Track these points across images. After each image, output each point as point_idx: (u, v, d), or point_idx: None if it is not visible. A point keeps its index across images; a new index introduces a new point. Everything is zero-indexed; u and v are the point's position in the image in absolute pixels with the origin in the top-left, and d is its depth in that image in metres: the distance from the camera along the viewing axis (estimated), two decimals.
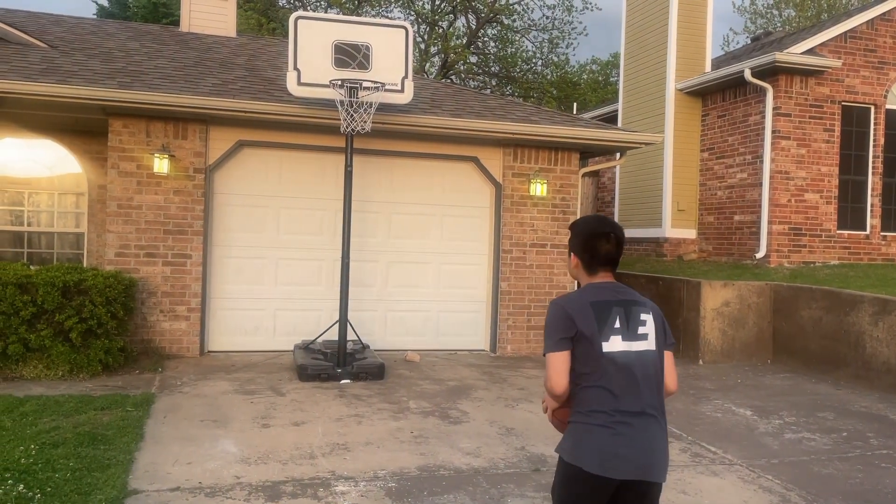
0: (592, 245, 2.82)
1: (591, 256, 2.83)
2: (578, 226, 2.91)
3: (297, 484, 4.63)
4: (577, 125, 9.89)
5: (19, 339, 7.01)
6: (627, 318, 2.72)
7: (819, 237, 11.51)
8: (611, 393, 2.63)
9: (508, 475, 4.98)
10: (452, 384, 7.74)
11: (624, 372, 2.66)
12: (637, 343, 2.71)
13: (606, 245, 2.81)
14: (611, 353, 2.66)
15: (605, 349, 2.66)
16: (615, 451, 2.59)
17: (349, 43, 7.97)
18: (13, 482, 4.25)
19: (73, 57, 9.32)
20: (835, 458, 5.70)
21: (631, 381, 2.65)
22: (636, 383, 2.66)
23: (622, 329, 2.70)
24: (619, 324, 2.70)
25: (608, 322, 2.69)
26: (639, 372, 2.67)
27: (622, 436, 2.60)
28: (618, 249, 2.84)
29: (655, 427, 2.66)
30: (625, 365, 2.66)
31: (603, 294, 2.76)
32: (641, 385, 2.66)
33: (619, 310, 2.72)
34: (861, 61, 11.70)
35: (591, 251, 2.82)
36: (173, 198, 8.53)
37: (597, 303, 2.72)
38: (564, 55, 28.63)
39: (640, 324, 2.73)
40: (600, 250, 2.81)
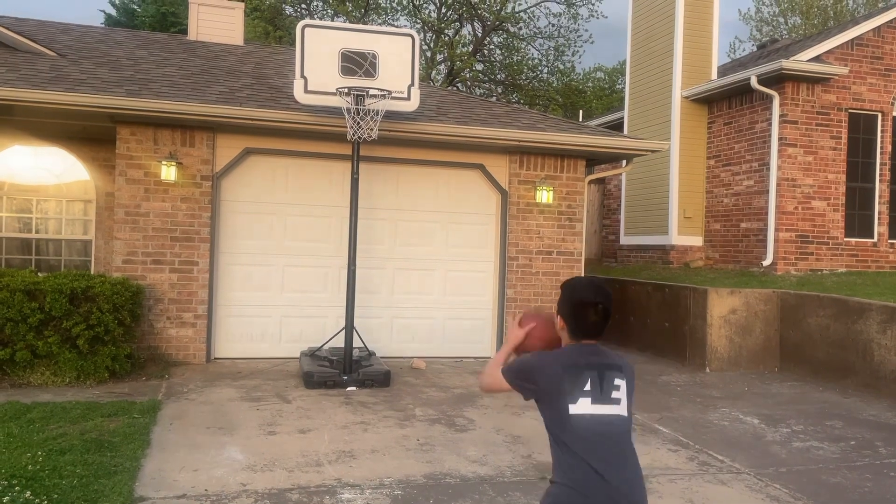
0: (579, 314, 2.80)
1: (577, 325, 2.81)
2: (567, 290, 2.87)
3: (303, 491, 4.63)
4: (583, 132, 9.90)
5: (27, 345, 7.03)
6: (599, 381, 2.70)
7: (826, 245, 11.47)
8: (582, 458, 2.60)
9: (515, 483, 4.97)
10: (458, 392, 7.73)
11: (590, 437, 2.63)
12: (608, 408, 2.68)
13: (594, 316, 2.78)
14: (579, 416, 2.64)
15: (573, 412, 2.64)
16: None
17: (356, 51, 8.00)
18: (20, 489, 4.26)
19: (81, 65, 9.38)
20: (843, 466, 5.67)
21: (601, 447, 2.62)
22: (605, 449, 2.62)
23: (593, 392, 2.68)
24: (589, 386, 2.68)
25: (579, 383, 2.67)
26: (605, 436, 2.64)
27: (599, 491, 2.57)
28: (604, 321, 2.81)
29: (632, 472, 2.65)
30: (589, 429, 2.64)
31: (580, 356, 2.74)
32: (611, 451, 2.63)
33: (593, 371, 2.71)
34: (868, 68, 11.68)
35: (577, 320, 2.80)
36: (180, 205, 8.56)
37: (573, 363, 2.71)
38: (570, 63, 28.69)
39: (613, 388, 2.71)
40: (587, 320, 2.79)
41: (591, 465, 2.58)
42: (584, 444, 2.62)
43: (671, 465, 5.52)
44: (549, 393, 2.69)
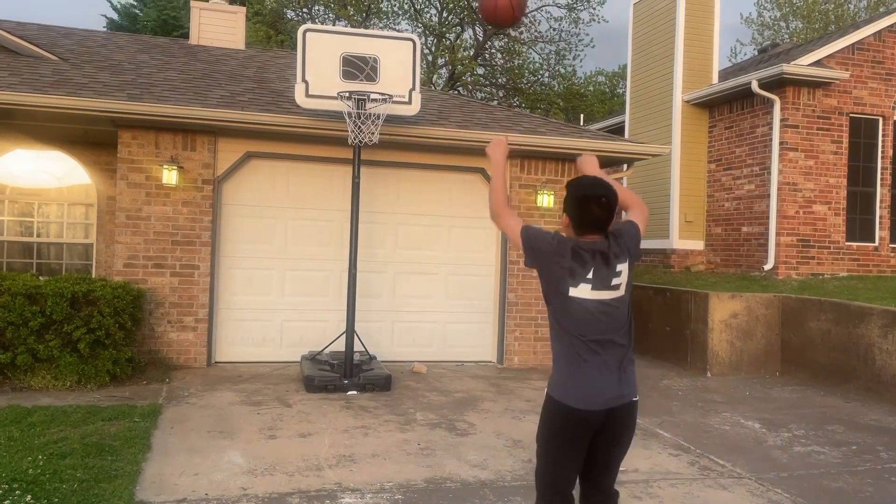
0: (583, 208, 2.90)
1: (581, 219, 2.92)
2: (572, 187, 2.99)
3: (303, 496, 4.62)
4: (584, 137, 9.90)
5: (28, 349, 7.03)
6: (600, 269, 2.89)
7: (827, 249, 11.47)
8: (580, 336, 2.88)
9: (515, 488, 4.96)
10: (459, 396, 7.72)
11: (590, 318, 2.87)
12: (608, 293, 2.90)
13: (596, 209, 2.88)
14: (579, 300, 2.87)
15: (572, 294, 2.87)
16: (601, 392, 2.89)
17: (357, 55, 8.02)
18: (21, 492, 4.26)
19: (83, 69, 9.40)
20: (844, 471, 5.66)
21: (597, 327, 2.88)
22: (601, 329, 2.89)
23: (594, 280, 2.87)
24: (591, 274, 2.87)
25: (580, 271, 2.87)
26: (604, 320, 2.89)
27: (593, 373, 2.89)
28: (608, 214, 2.90)
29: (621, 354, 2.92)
30: (590, 312, 2.88)
31: (583, 244, 2.92)
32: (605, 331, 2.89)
33: (594, 259, 2.89)
34: (869, 73, 11.69)
35: (582, 214, 2.91)
36: (182, 209, 8.57)
37: (576, 250, 2.90)
38: (571, 67, 28.72)
39: (614, 275, 2.90)
40: (590, 213, 2.89)
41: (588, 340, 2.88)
42: (581, 327, 2.88)
43: (672, 469, 5.52)
44: (550, 266, 2.90)
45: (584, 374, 2.90)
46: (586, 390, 2.90)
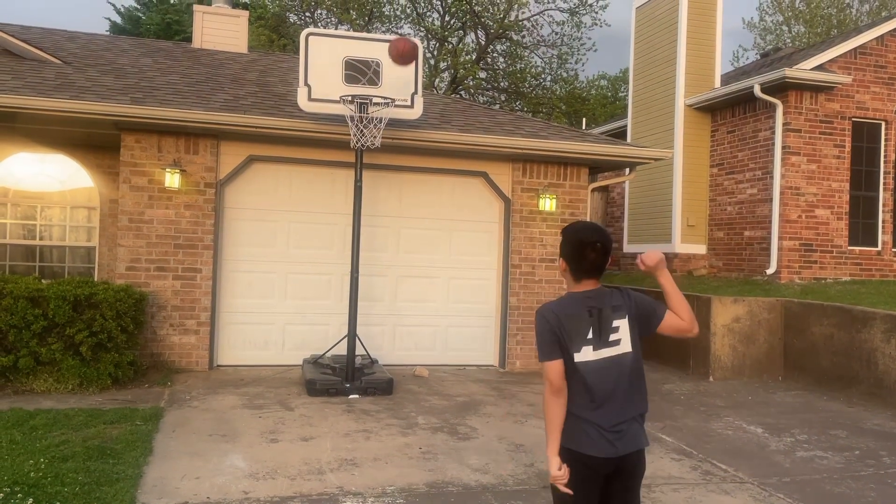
0: (579, 253, 2.97)
1: (577, 265, 2.99)
2: (568, 232, 3.05)
3: (305, 500, 4.62)
4: (586, 140, 9.91)
5: (30, 352, 7.04)
6: (598, 328, 2.94)
7: (830, 253, 11.45)
8: (588, 395, 2.93)
9: (517, 492, 4.95)
10: (461, 400, 7.71)
11: (595, 378, 2.92)
12: (609, 350, 2.94)
13: (592, 254, 2.96)
14: (583, 363, 2.92)
15: (577, 359, 2.92)
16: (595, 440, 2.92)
17: (359, 59, 8.03)
18: (22, 496, 4.26)
19: (86, 73, 9.43)
20: (847, 476, 5.64)
21: (604, 387, 2.92)
22: (608, 387, 2.93)
23: (593, 339, 2.93)
24: (591, 334, 2.94)
25: (580, 334, 2.93)
26: (607, 375, 2.93)
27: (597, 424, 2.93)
28: (603, 258, 2.98)
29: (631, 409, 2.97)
30: (596, 372, 2.92)
31: (576, 304, 2.98)
32: (612, 388, 2.93)
33: (590, 320, 2.94)
34: (871, 77, 11.68)
35: (578, 259, 2.98)
36: (184, 212, 8.58)
37: (570, 313, 2.96)
38: (573, 71, 28.73)
39: (611, 330, 2.94)
40: (586, 259, 2.96)
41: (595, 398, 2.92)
42: (588, 385, 2.93)
43: (674, 474, 5.50)
44: (563, 342, 2.95)
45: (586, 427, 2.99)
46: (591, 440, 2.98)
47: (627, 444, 2.95)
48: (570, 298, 3.02)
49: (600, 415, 2.93)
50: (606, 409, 2.93)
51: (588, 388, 2.92)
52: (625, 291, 3.04)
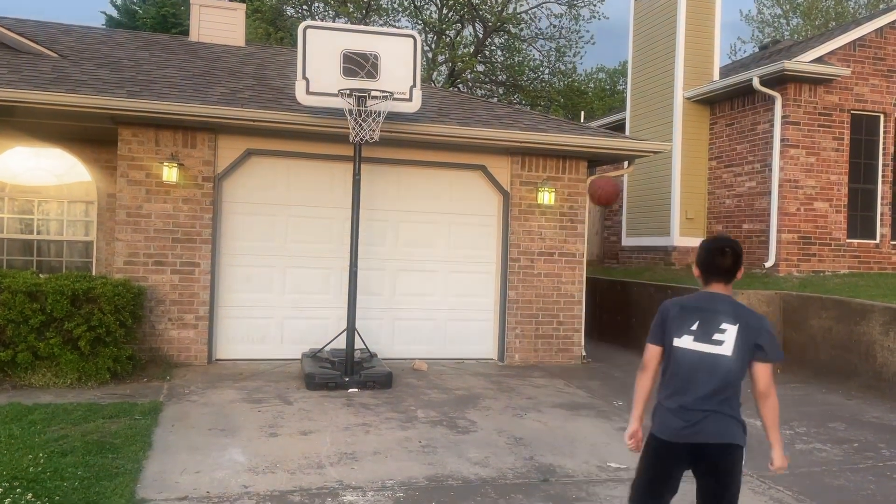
0: (709, 257, 3.36)
1: (707, 267, 3.38)
2: (704, 242, 3.47)
3: (304, 493, 4.62)
4: (584, 133, 9.89)
5: (28, 347, 7.03)
6: (704, 324, 3.26)
7: (828, 246, 11.46)
8: (677, 379, 3.28)
9: (517, 485, 4.95)
10: (460, 393, 7.71)
11: (686, 366, 3.25)
12: (708, 347, 3.24)
13: (720, 258, 3.33)
14: (680, 349, 3.27)
15: (675, 343, 3.29)
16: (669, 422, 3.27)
17: (357, 52, 8.00)
18: (21, 490, 4.25)
19: (82, 66, 9.38)
20: (846, 469, 5.65)
21: (689, 376, 3.25)
22: (694, 378, 3.24)
23: (696, 331, 3.26)
24: (695, 327, 3.27)
25: (685, 324, 3.28)
26: (698, 368, 3.24)
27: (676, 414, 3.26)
28: (732, 262, 3.34)
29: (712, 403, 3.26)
30: (686, 361, 3.25)
31: (695, 301, 3.36)
32: (700, 380, 3.24)
33: (700, 315, 3.28)
34: (870, 70, 11.67)
35: (707, 262, 3.37)
36: (182, 206, 8.56)
37: (686, 306, 3.34)
38: (572, 64, 28.68)
39: (716, 331, 3.24)
40: (714, 262, 3.34)
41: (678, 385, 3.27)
42: (676, 371, 3.28)
43: None
44: (664, 327, 3.34)
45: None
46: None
47: (704, 435, 3.23)
48: (695, 295, 3.41)
49: (678, 401, 3.25)
50: (687, 398, 3.24)
51: (676, 373, 3.28)
52: (753, 314, 3.32)
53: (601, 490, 4.91)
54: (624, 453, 5.81)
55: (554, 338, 9.77)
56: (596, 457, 5.66)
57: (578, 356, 9.87)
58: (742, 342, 3.21)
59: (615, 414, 7.12)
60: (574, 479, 5.11)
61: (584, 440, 6.12)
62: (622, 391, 8.21)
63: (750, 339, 3.23)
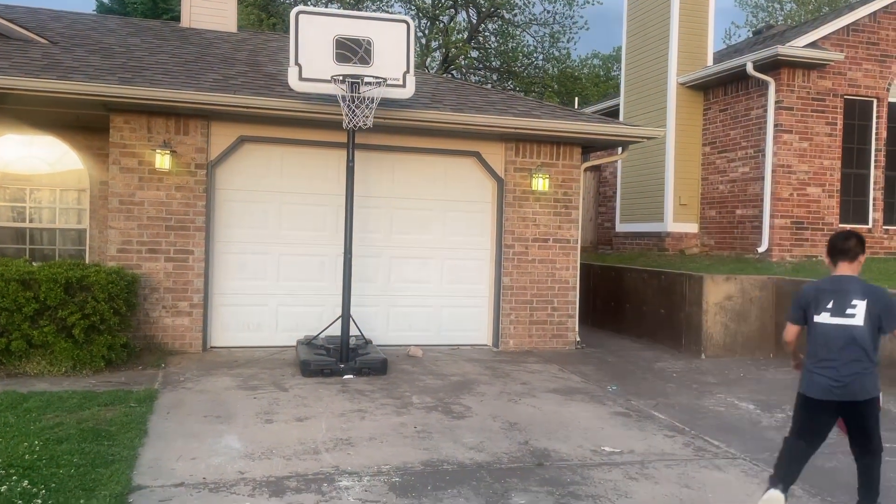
0: (833, 243, 4.28)
1: (832, 252, 4.28)
2: (831, 235, 4.40)
3: (301, 479, 4.64)
4: (579, 120, 9.87)
5: (22, 335, 7.01)
6: (837, 301, 4.12)
7: (821, 231, 11.50)
8: (822, 349, 4.13)
9: (512, 470, 4.98)
10: (455, 379, 7.74)
11: (826, 338, 4.11)
12: (843, 320, 4.09)
13: (842, 241, 4.24)
14: (820, 324, 4.16)
15: (816, 320, 4.18)
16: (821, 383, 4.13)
17: (350, 38, 7.95)
18: (17, 478, 4.26)
19: (73, 53, 9.31)
20: (838, 451, 5.68)
21: (830, 345, 4.10)
22: (835, 347, 4.08)
23: (832, 308, 4.13)
24: (831, 305, 4.14)
25: (822, 303, 4.16)
26: (837, 339, 4.08)
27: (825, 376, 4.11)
28: (855, 245, 4.22)
29: (855, 367, 4.05)
30: (826, 333, 4.12)
31: (828, 284, 4.23)
32: (840, 347, 4.07)
33: (834, 295, 4.15)
34: (863, 54, 11.67)
35: (832, 248, 4.28)
36: (175, 194, 8.53)
37: (822, 289, 4.22)
38: (566, 50, 28.60)
39: (848, 306, 4.10)
40: (837, 246, 4.24)
41: (822, 349, 4.12)
42: (819, 342, 4.15)
43: (667, 450, 5.55)
44: (805, 307, 4.25)
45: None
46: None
47: (851, 394, 4.07)
48: (827, 279, 4.28)
49: (825, 366, 4.10)
50: (832, 364, 4.08)
51: (820, 344, 4.14)
52: (877, 289, 4.10)
53: (595, 473, 4.95)
54: (618, 437, 5.85)
55: (548, 323, 9.80)
56: (590, 441, 5.70)
57: (573, 342, 9.91)
58: (870, 314, 4.05)
59: (609, 399, 7.16)
60: (569, 463, 5.14)
61: (579, 425, 6.16)
62: (616, 376, 8.26)
63: (875, 311, 4.05)
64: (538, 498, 4.48)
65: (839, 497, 4.70)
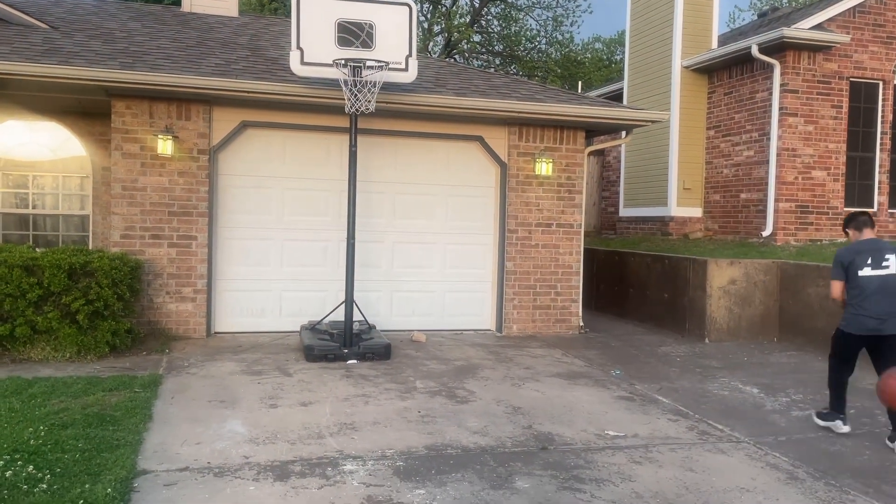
0: (857, 218, 5.74)
1: (859, 225, 5.71)
2: (848, 217, 5.83)
3: (305, 463, 4.65)
4: (582, 103, 9.81)
5: (26, 321, 7.03)
6: (874, 258, 5.50)
7: (826, 214, 11.45)
8: (864, 297, 5.50)
9: (516, 454, 4.99)
10: (459, 364, 7.75)
11: (871, 287, 5.47)
12: (881, 271, 5.48)
13: (865, 215, 5.75)
14: (864, 276, 5.50)
15: (860, 274, 5.51)
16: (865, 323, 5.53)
17: (352, 21, 7.90)
18: (23, 463, 4.27)
19: (74, 38, 9.26)
20: (842, 435, 5.70)
21: (875, 292, 5.46)
22: (878, 293, 5.45)
23: (871, 264, 5.49)
24: (870, 261, 5.50)
25: (863, 260, 5.51)
26: (880, 286, 5.46)
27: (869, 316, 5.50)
28: (871, 216, 5.79)
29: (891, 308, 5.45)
30: (871, 283, 5.47)
31: (862, 246, 5.61)
32: (882, 294, 5.45)
33: (870, 253, 5.52)
34: (870, 36, 11.57)
35: (858, 222, 5.72)
36: (177, 179, 8.51)
37: (858, 251, 5.57)
38: (569, 33, 28.40)
39: (883, 260, 5.49)
40: (862, 220, 5.73)
41: (869, 300, 5.48)
42: (865, 291, 5.49)
43: (671, 434, 5.55)
44: (848, 266, 5.57)
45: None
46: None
47: (888, 329, 5.46)
48: (858, 243, 5.67)
49: (870, 310, 5.46)
50: (876, 307, 5.45)
51: (864, 292, 5.49)
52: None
53: (599, 457, 4.95)
54: (622, 421, 5.85)
55: (552, 308, 9.79)
56: (594, 425, 5.70)
57: (576, 326, 9.91)
58: None
59: (613, 383, 7.16)
60: (572, 447, 5.15)
61: (582, 409, 6.16)
62: (620, 360, 8.26)
63: None
64: (542, 481, 4.49)
65: (843, 480, 4.70)
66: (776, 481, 4.64)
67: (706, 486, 4.51)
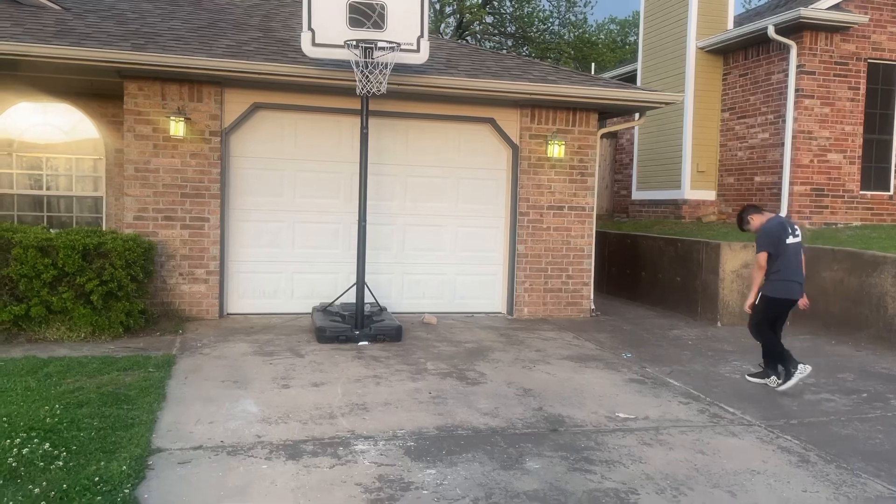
0: (752, 206, 6.75)
1: (756, 210, 6.65)
2: (742, 209, 6.79)
3: (317, 443, 4.68)
4: (595, 85, 9.73)
5: (41, 301, 7.09)
6: (791, 228, 6.42)
7: (841, 198, 11.34)
8: (787, 265, 6.37)
9: (526, 435, 5.01)
10: (470, 346, 7.76)
11: (791, 252, 6.35)
12: (796, 239, 6.39)
13: (755, 204, 7.91)
14: (791, 244, 6.35)
15: (788, 242, 6.34)
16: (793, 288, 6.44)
17: (364, 2, 7.85)
18: (39, 441, 4.33)
19: (86, 19, 9.27)
20: (854, 418, 5.68)
21: (793, 258, 6.37)
22: (795, 258, 6.39)
23: (791, 233, 6.37)
24: (790, 230, 6.38)
25: (785, 231, 6.38)
26: (795, 253, 6.38)
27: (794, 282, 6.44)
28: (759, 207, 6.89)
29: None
30: (791, 250, 6.35)
31: (778, 219, 6.51)
32: (797, 259, 6.40)
33: (787, 224, 6.42)
34: (888, 16, 11.38)
35: (755, 208, 6.69)
36: (190, 161, 8.53)
37: (780, 223, 6.44)
38: (582, 14, 28.19)
39: (795, 230, 6.42)
40: (755, 205, 6.87)
41: (790, 267, 6.37)
42: (788, 258, 6.35)
43: (682, 417, 5.55)
44: (779, 238, 6.35)
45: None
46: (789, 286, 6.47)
47: (801, 292, 6.48)
48: (773, 218, 6.54)
49: (790, 275, 6.36)
50: (794, 271, 6.38)
51: (787, 259, 6.33)
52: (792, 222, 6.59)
53: (610, 439, 4.96)
54: (632, 404, 5.85)
55: (563, 291, 9.78)
56: (604, 407, 5.71)
57: (587, 309, 9.89)
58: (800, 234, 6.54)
59: (623, 366, 7.16)
60: (583, 429, 5.16)
61: (593, 391, 6.17)
62: (631, 343, 8.25)
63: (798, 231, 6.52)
64: (552, 463, 4.50)
65: (855, 463, 4.69)
66: (787, 464, 4.64)
67: (717, 468, 4.51)
